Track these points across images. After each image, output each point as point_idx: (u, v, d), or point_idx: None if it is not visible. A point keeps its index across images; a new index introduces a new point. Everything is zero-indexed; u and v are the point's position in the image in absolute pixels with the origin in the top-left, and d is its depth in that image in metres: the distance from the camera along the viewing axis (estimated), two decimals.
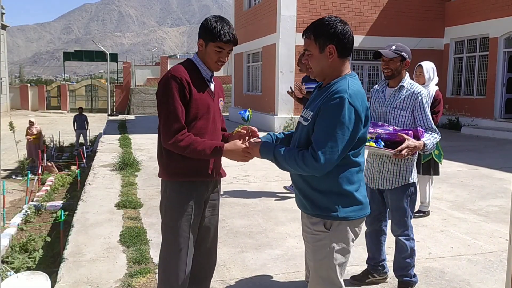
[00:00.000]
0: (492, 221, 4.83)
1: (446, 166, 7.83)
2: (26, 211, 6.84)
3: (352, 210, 2.08)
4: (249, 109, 2.45)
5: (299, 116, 2.25)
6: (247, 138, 2.33)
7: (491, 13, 13.61)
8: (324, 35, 2.03)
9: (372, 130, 2.94)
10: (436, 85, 4.73)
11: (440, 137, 3.08)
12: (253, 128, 2.35)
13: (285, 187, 6.08)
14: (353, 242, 2.14)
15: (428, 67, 4.58)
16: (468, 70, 14.93)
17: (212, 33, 2.32)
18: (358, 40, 14.41)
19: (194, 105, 2.35)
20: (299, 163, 1.99)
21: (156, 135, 2.49)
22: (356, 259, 3.73)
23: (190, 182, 2.40)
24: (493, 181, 6.80)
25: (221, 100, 2.57)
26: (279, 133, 2.42)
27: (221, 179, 2.63)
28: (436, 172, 4.98)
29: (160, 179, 2.50)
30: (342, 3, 14.19)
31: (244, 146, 2.29)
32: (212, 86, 2.48)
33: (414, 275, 3.14)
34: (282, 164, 2.08)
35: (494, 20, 13.49)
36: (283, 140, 2.35)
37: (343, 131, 1.94)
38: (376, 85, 3.28)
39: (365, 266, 3.41)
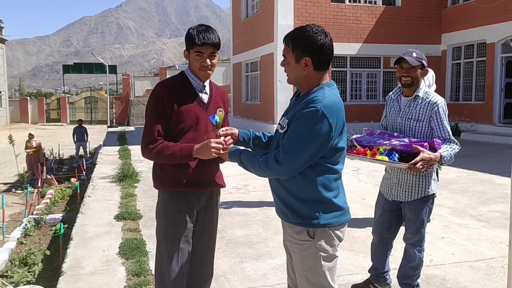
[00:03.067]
0: (493, 227, 4.81)
1: (446, 172, 7.82)
2: (26, 225, 6.82)
3: (333, 216, 2.07)
4: (219, 112, 2.47)
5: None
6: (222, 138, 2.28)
7: (487, 19, 13.68)
8: (301, 46, 2.00)
9: (387, 142, 2.85)
10: (435, 91, 4.73)
11: (459, 147, 2.94)
12: (223, 132, 2.29)
13: None
14: (338, 246, 2.14)
15: (428, 74, 4.59)
16: (466, 76, 14.98)
17: (189, 39, 2.33)
18: (355, 48, 14.48)
19: (180, 117, 2.34)
20: (262, 166, 2.05)
21: None
22: (357, 267, 3.71)
23: (181, 192, 2.39)
24: (494, 187, 6.78)
25: (220, 111, 2.51)
26: (262, 132, 2.44)
27: (222, 190, 2.62)
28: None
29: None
30: (339, 11, 14.28)
31: (211, 140, 2.24)
32: (204, 97, 2.44)
33: (418, 285, 3.10)
34: (248, 167, 2.14)
35: (491, 25, 13.56)
36: (261, 142, 2.39)
37: (311, 140, 1.94)
38: (391, 93, 3.17)
39: (366, 274, 3.38)
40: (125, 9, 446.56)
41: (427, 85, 4.58)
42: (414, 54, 2.93)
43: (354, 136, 3.14)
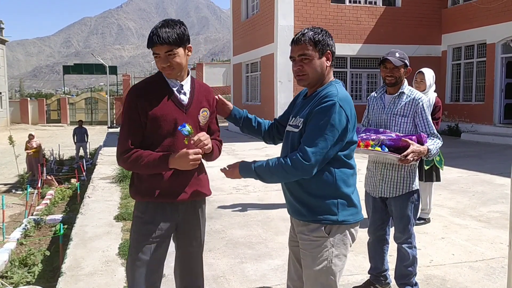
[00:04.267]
0: (493, 227, 4.80)
1: (447, 173, 7.81)
2: (26, 225, 6.81)
3: (350, 213, 2.08)
4: (202, 112, 2.28)
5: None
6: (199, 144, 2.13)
7: (487, 20, 13.68)
8: (323, 41, 2.11)
9: (374, 137, 2.89)
10: (434, 91, 4.73)
11: (442, 142, 3.06)
12: (196, 138, 2.14)
13: None
14: (350, 246, 2.14)
15: (429, 74, 4.59)
16: (466, 76, 14.98)
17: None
18: (355, 49, 14.48)
19: (156, 123, 2.15)
20: (287, 169, 2.00)
21: None
22: (357, 268, 3.70)
23: (156, 203, 2.21)
24: (494, 187, 6.77)
25: (204, 111, 2.28)
26: (254, 116, 2.49)
27: (219, 190, 2.56)
28: (438, 179, 4.96)
29: None
30: (339, 12, 14.29)
31: (189, 151, 2.10)
32: (183, 98, 2.22)
33: (416, 284, 3.11)
34: (267, 177, 2.08)
35: (491, 26, 13.56)
36: (251, 124, 2.45)
37: (333, 132, 1.98)
38: (374, 93, 3.27)
39: (366, 275, 3.38)
40: (125, 10, 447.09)
41: (428, 86, 4.58)
42: (397, 54, 3.03)
43: None
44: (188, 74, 2.27)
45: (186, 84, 2.25)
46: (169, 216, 2.24)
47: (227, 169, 2.20)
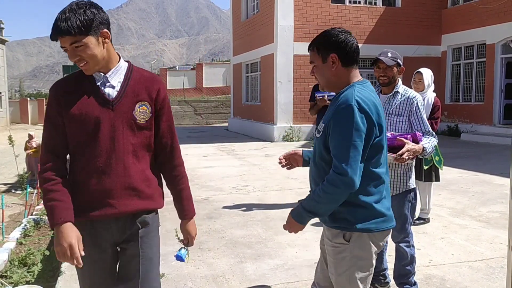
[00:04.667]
0: (493, 227, 4.80)
1: (446, 173, 7.81)
2: (25, 225, 6.80)
3: (372, 222, 1.99)
4: (183, 247, 2.09)
5: (299, 125, 2.26)
6: None
7: (487, 20, 13.69)
8: (325, 44, 2.02)
9: None
10: (434, 91, 4.74)
11: (437, 140, 3.08)
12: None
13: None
14: (375, 255, 2.07)
15: (427, 74, 4.59)
16: (466, 77, 14.98)
17: None
18: None
19: (74, 126, 1.81)
20: (329, 191, 1.90)
21: None
22: None
23: (84, 221, 1.87)
24: (493, 187, 6.78)
25: (142, 105, 1.87)
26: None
27: (219, 190, 2.42)
28: (437, 178, 4.96)
29: None
30: (339, 12, 14.30)
31: (74, 250, 1.74)
32: (110, 92, 1.85)
33: (415, 283, 3.12)
34: (318, 209, 1.97)
35: (491, 26, 13.57)
36: None
37: (360, 136, 1.89)
38: None
39: None
40: (125, 10, 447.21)
41: (426, 85, 4.58)
42: (390, 54, 3.07)
43: None
44: (118, 62, 1.90)
45: (115, 75, 1.88)
46: (99, 234, 1.90)
47: (285, 227, 2.10)
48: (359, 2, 14.69)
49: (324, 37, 2.04)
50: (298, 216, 2.02)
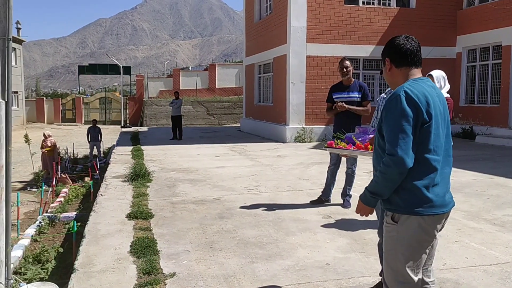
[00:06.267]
0: (508, 231, 4.73)
1: (461, 176, 7.72)
2: (40, 222, 6.90)
3: (419, 205, 2.16)
4: None
5: (311, 126, 2.46)
6: None
7: (503, 21, 13.48)
8: (384, 50, 2.41)
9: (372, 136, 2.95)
10: (448, 92, 4.68)
11: (451, 143, 3.03)
12: None
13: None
14: (426, 241, 2.23)
15: (439, 75, 4.55)
16: (481, 79, 14.77)
17: None
18: (368, 50, 14.39)
19: None
20: (384, 171, 2.14)
21: (167, 146, 2.41)
22: (369, 270, 3.68)
23: None
24: (509, 190, 6.67)
25: None
26: None
27: (230, 190, 2.39)
28: None
29: (171, 189, 2.21)
30: (352, 13, 14.22)
31: None
32: None
33: None
34: (378, 189, 2.22)
35: (507, 28, 13.36)
36: None
37: (408, 122, 2.11)
38: (383, 94, 3.29)
39: (378, 277, 3.35)
40: (140, 11, 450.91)
41: (439, 87, 4.52)
42: None
43: (348, 134, 3.64)
44: None
45: None
46: None
47: (356, 210, 2.41)
48: (373, 3, 14.58)
49: (385, 44, 2.42)
50: (364, 198, 2.30)
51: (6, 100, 2.99)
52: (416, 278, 2.26)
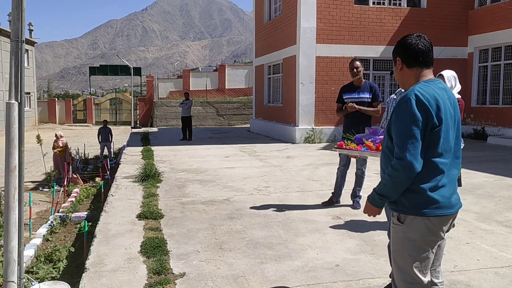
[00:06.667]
0: None
1: (472, 177, 7.64)
2: (52, 222, 6.98)
3: (425, 206, 2.16)
4: None
5: (321, 127, 2.45)
6: None
7: None
8: (395, 50, 2.37)
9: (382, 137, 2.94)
10: (459, 93, 4.64)
11: (463, 144, 3.01)
12: None
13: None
14: (432, 242, 2.23)
15: (449, 75, 4.52)
16: (493, 79, 14.62)
17: None
18: (378, 51, 14.32)
19: None
20: (392, 174, 2.14)
21: (177, 146, 2.43)
22: (378, 271, 3.66)
23: None
24: None
25: None
26: None
27: (240, 191, 2.42)
28: (459, 183, 4.86)
29: (181, 189, 2.24)
30: (362, 13, 14.16)
31: None
32: None
33: None
34: (386, 192, 2.23)
35: None
36: None
37: (418, 126, 2.10)
38: (393, 95, 3.27)
39: (388, 279, 3.34)
40: (150, 12, 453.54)
41: (449, 87, 4.50)
42: None
43: (359, 135, 3.65)
44: None
45: None
46: None
47: (364, 211, 2.41)
48: (383, 3, 14.51)
49: (396, 43, 2.37)
50: (372, 199, 2.31)
51: (19, 101, 3.03)
52: (425, 280, 2.25)
